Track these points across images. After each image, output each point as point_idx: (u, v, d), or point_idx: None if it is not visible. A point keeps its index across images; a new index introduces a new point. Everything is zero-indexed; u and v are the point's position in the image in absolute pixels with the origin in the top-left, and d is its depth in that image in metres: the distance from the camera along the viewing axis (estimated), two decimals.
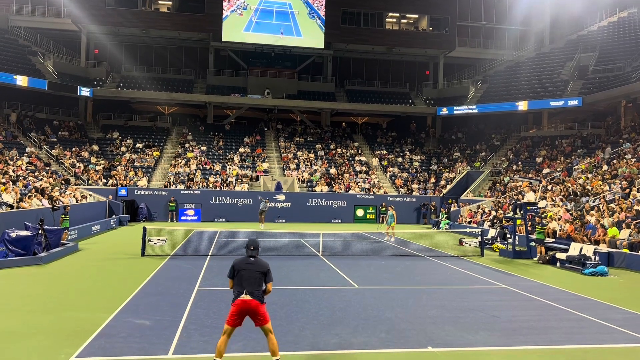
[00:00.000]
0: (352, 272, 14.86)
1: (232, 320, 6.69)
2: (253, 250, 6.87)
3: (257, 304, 6.62)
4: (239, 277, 6.72)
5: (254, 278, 6.67)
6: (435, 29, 46.53)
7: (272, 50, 44.93)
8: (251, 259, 6.82)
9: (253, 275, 6.68)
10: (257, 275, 6.69)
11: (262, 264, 6.79)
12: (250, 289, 6.62)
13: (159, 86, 42.14)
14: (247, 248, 6.89)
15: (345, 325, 9.08)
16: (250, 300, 6.60)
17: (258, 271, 6.71)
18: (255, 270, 6.71)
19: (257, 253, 6.89)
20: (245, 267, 6.75)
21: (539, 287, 13.33)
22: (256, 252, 6.88)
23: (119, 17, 41.40)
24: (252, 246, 6.89)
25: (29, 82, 36.06)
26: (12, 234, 15.13)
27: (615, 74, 36.57)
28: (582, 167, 30.57)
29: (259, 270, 6.72)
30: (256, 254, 6.88)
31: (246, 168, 37.93)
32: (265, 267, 6.76)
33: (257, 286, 6.67)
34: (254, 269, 6.73)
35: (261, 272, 6.72)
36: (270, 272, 6.83)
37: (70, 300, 10.70)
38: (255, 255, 6.86)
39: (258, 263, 6.78)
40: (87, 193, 29.39)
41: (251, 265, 6.76)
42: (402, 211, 35.54)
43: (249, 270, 6.72)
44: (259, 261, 6.81)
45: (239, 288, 6.69)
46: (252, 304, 6.60)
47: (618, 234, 18.82)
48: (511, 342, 8.39)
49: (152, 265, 15.20)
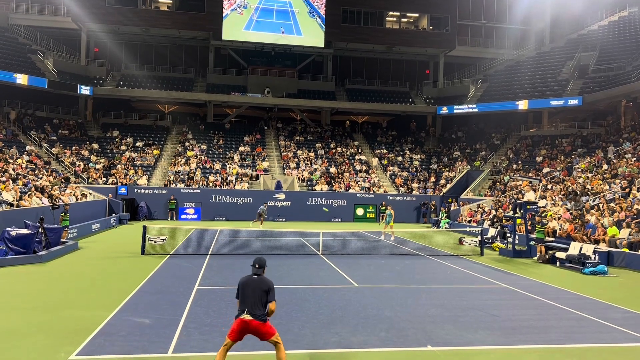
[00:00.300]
0: (352, 271, 14.86)
1: (233, 335, 6.56)
2: (258, 268, 6.71)
3: (258, 325, 6.46)
4: (242, 294, 6.59)
5: (256, 296, 6.51)
6: (436, 28, 46.50)
7: (272, 49, 44.92)
8: (255, 276, 6.68)
9: (255, 293, 6.52)
10: (259, 293, 6.53)
11: (266, 282, 6.62)
12: (251, 309, 6.46)
13: (159, 85, 42.13)
14: (252, 266, 6.77)
15: (345, 324, 9.09)
16: (251, 320, 6.44)
17: (261, 289, 6.56)
18: (257, 288, 6.56)
19: (262, 272, 6.72)
20: (249, 284, 6.61)
21: (539, 286, 13.34)
22: (261, 271, 6.71)
23: (119, 16, 41.37)
24: (257, 264, 6.74)
25: (29, 80, 36.03)
26: (12, 233, 15.15)
27: (615, 73, 36.56)
28: (582, 167, 30.57)
29: (262, 288, 6.56)
30: (261, 273, 6.71)
31: (246, 167, 37.93)
32: (267, 286, 6.59)
33: (259, 305, 6.50)
34: (257, 286, 6.57)
35: (264, 290, 6.56)
36: (273, 291, 6.62)
37: (70, 299, 10.71)
38: (260, 273, 6.69)
39: (262, 281, 6.62)
40: (87, 191, 29.39)
41: (254, 282, 6.61)
42: (402, 210, 35.63)
43: (252, 287, 6.57)
44: (262, 279, 6.65)
45: (241, 306, 6.54)
46: (252, 324, 6.45)
47: (618, 234, 18.83)
48: (511, 341, 8.40)
49: (152, 263, 15.21)
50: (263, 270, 6.70)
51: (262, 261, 6.76)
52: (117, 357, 7.19)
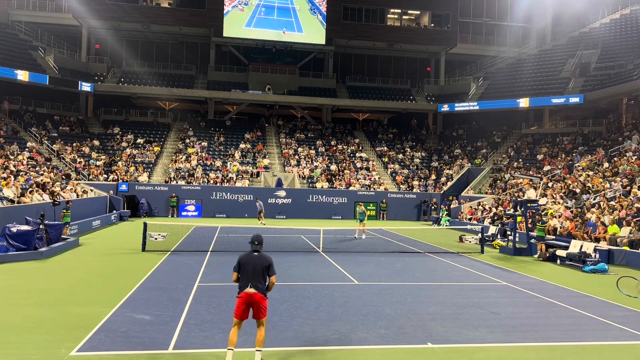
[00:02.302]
0: (352, 268, 14.88)
1: (239, 313, 6.94)
2: (257, 245, 7.15)
3: (260, 297, 6.92)
4: (244, 271, 7.01)
5: (257, 272, 6.96)
6: (437, 25, 46.39)
7: (273, 46, 44.87)
8: (255, 253, 7.10)
9: (257, 269, 6.97)
10: (260, 269, 6.98)
11: (265, 257, 7.06)
12: (254, 282, 6.92)
13: (160, 81, 42.09)
14: (251, 243, 7.20)
15: (345, 321, 9.11)
16: (254, 293, 6.89)
17: (261, 265, 7.00)
18: (259, 265, 6.99)
19: (261, 248, 7.16)
20: (249, 261, 7.04)
21: (539, 284, 13.35)
22: (260, 247, 7.15)
23: (120, 12, 41.31)
24: (257, 241, 7.18)
25: (29, 77, 36.01)
26: (13, 229, 15.18)
27: (616, 71, 36.48)
28: (583, 165, 30.55)
29: (262, 264, 7.00)
30: (260, 249, 7.15)
31: (247, 164, 37.92)
32: (268, 261, 7.04)
33: (261, 279, 6.97)
34: (257, 262, 7.01)
35: (264, 266, 7.00)
36: (273, 266, 7.11)
37: (70, 295, 10.73)
38: (259, 249, 7.14)
39: (262, 257, 7.05)
40: (87, 188, 29.40)
41: (255, 259, 7.04)
42: (403, 208, 35.71)
43: (253, 264, 7.00)
44: (262, 255, 7.07)
45: (243, 281, 6.98)
46: (255, 297, 6.89)
47: (618, 232, 18.83)
48: (510, 339, 8.41)
49: (153, 260, 15.24)
50: (261, 247, 7.14)
51: (260, 238, 7.22)
52: (117, 353, 7.21)
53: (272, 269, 7.06)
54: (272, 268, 7.07)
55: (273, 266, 7.09)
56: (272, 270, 7.07)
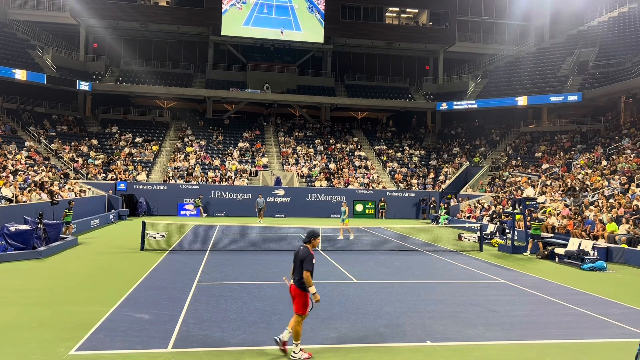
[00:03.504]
0: (351, 266, 14.89)
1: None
2: (305, 238, 7.47)
3: (295, 290, 7.27)
4: (293, 263, 7.45)
5: (296, 265, 7.33)
6: (435, 23, 46.39)
7: (272, 44, 44.82)
8: (301, 247, 7.43)
9: (296, 263, 7.34)
10: (298, 263, 7.29)
11: (303, 252, 7.28)
12: (295, 275, 7.34)
13: (158, 80, 42.04)
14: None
15: (344, 320, 9.12)
16: (292, 285, 7.35)
17: (300, 259, 7.30)
18: (298, 258, 7.34)
19: (308, 241, 7.39)
20: (295, 254, 7.45)
21: (538, 282, 13.37)
22: (307, 240, 7.40)
23: (118, 11, 41.23)
24: (306, 235, 7.49)
25: (27, 76, 35.94)
26: (11, 228, 15.15)
27: (615, 69, 36.52)
28: (581, 163, 30.58)
29: (300, 258, 7.29)
30: (307, 242, 7.40)
31: (245, 163, 37.90)
32: (302, 256, 7.25)
33: (299, 272, 7.26)
34: (298, 256, 7.35)
35: (301, 259, 7.26)
36: (306, 261, 7.20)
37: (69, 294, 10.72)
38: (305, 243, 7.42)
39: (302, 251, 7.33)
40: (86, 187, 29.38)
41: (298, 253, 7.38)
42: (402, 206, 35.71)
43: (295, 257, 7.41)
44: (303, 250, 7.33)
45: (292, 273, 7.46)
46: (291, 288, 7.34)
47: (617, 229, 18.86)
48: (509, 337, 8.43)
49: (152, 259, 15.23)
50: (309, 241, 7.37)
51: (309, 233, 7.46)
52: (116, 352, 7.21)
53: (305, 264, 7.18)
54: (306, 263, 7.19)
55: (307, 261, 7.19)
56: (305, 266, 7.19)
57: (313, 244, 7.39)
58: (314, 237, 7.40)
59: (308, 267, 7.14)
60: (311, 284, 7.16)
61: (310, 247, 7.35)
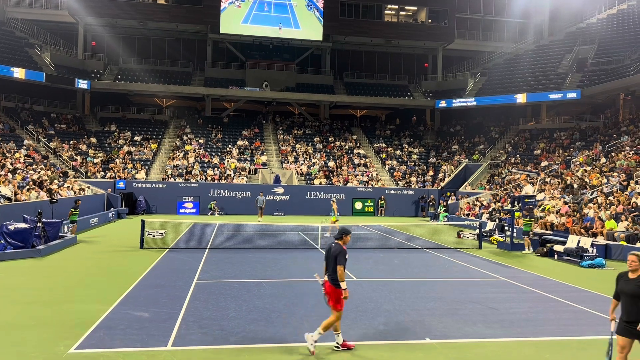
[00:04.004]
0: (351, 264, 14.81)
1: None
2: (337, 235, 7.56)
3: (330, 287, 7.37)
4: (326, 260, 7.57)
5: (330, 261, 7.43)
6: (434, 21, 46.35)
7: (271, 42, 44.76)
8: (333, 244, 7.52)
9: (329, 259, 7.45)
10: (331, 260, 7.38)
11: (336, 248, 7.39)
12: (329, 272, 7.43)
13: (157, 79, 41.98)
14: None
15: (344, 318, 9.08)
16: (326, 282, 7.46)
17: (333, 255, 7.38)
18: (331, 255, 7.42)
19: (340, 238, 7.51)
20: (327, 251, 7.55)
21: (537, 279, 13.39)
22: (339, 237, 7.52)
23: (116, 9, 41.16)
24: (337, 232, 7.59)
25: (26, 74, 35.86)
26: (10, 227, 15.13)
27: (614, 66, 36.51)
28: (580, 160, 30.60)
29: (334, 254, 7.37)
30: (338, 239, 7.51)
31: (244, 161, 37.88)
32: (336, 252, 7.35)
33: (333, 269, 7.35)
34: (331, 253, 7.45)
35: (334, 255, 7.35)
36: (340, 256, 7.30)
37: (69, 293, 10.72)
38: (337, 240, 7.53)
39: (334, 248, 7.43)
40: (85, 186, 29.36)
41: (331, 249, 7.47)
42: (401, 204, 35.72)
43: (328, 254, 7.51)
44: (336, 246, 7.44)
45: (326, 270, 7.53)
46: (326, 285, 7.44)
47: (615, 226, 18.88)
48: (508, 334, 8.44)
49: (151, 257, 15.23)
50: (340, 238, 7.48)
51: (341, 230, 7.59)
52: (116, 350, 7.21)
53: (338, 259, 7.25)
54: (339, 258, 7.26)
55: (340, 256, 7.26)
56: (339, 260, 7.25)
57: (344, 241, 7.52)
58: (345, 234, 7.52)
59: (342, 261, 7.24)
60: (344, 279, 7.27)
61: (342, 243, 7.47)
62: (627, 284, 6.04)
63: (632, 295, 5.93)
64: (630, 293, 5.95)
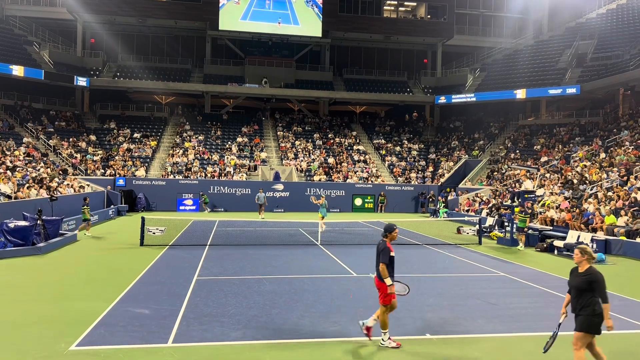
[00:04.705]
0: (351, 260, 14.91)
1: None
2: (383, 232, 7.68)
3: (377, 282, 7.50)
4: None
5: (376, 258, 7.56)
6: (434, 16, 46.25)
7: (270, 39, 44.67)
8: (380, 241, 7.63)
9: (376, 256, 7.56)
10: (376, 256, 7.53)
11: (380, 246, 7.51)
12: (376, 268, 7.53)
13: (156, 76, 41.92)
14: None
15: (344, 314, 9.13)
16: (375, 277, 7.59)
17: (377, 251, 7.54)
18: (377, 251, 7.55)
19: (385, 235, 7.59)
20: (376, 248, 7.62)
21: (537, 275, 13.41)
22: (384, 234, 7.61)
23: (114, 6, 41.06)
24: (383, 229, 7.71)
25: (25, 72, 35.82)
26: (10, 225, 15.14)
27: (613, 61, 36.47)
28: (580, 155, 30.60)
29: (378, 251, 7.52)
30: (384, 236, 7.60)
31: (244, 158, 37.87)
32: (380, 249, 7.48)
33: (377, 265, 7.46)
34: (376, 249, 7.57)
35: (378, 252, 7.50)
36: (382, 254, 7.40)
37: (69, 290, 10.73)
38: (383, 237, 7.63)
39: (379, 245, 7.54)
40: (85, 183, 29.36)
41: (378, 247, 7.58)
42: (401, 200, 35.75)
43: (376, 251, 7.61)
44: (380, 244, 7.54)
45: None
46: (375, 281, 7.58)
47: (615, 222, 18.91)
48: (508, 329, 8.46)
49: (151, 254, 15.24)
50: (386, 235, 7.58)
51: (386, 227, 7.68)
52: (117, 347, 7.22)
53: (381, 256, 7.37)
54: (381, 256, 7.38)
55: (382, 254, 7.38)
56: (381, 258, 7.37)
57: (390, 237, 7.57)
58: (390, 231, 7.59)
59: (383, 259, 7.34)
60: (386, 275, 7.32)
61: (388, 240, 7.54)
62: (575, 279, 6.20)
63: (576, 288, 6.10)
64: (576, 286, 6.11)
